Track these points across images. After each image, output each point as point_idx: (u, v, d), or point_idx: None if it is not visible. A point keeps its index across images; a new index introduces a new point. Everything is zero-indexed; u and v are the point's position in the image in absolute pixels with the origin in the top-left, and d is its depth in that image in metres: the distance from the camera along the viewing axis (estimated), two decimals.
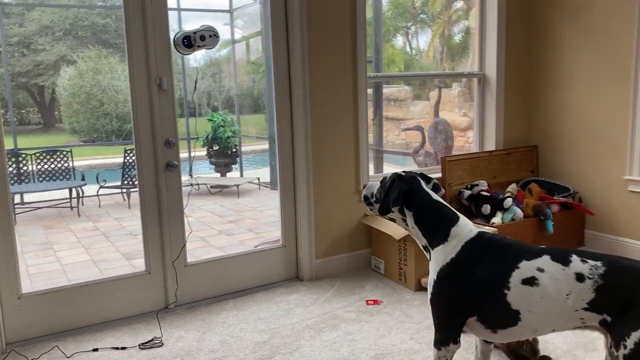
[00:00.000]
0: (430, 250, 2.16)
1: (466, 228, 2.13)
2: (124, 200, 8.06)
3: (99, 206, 7.88)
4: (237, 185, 8.45)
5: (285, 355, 2.85)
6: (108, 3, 15.14)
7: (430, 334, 3.00)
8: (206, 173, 9.71)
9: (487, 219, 4.04)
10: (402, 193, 2.15)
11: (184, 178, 3.71)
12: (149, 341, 3.04)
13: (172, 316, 3.37)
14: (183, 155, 3.55)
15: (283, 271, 3.90)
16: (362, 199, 2.39)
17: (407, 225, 2.23)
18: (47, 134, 14.90)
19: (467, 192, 4.21)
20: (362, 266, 4.07)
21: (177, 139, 3.39)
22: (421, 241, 2.22)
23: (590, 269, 1.87)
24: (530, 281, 1.93)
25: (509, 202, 4.03)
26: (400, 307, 3.39)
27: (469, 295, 2.03)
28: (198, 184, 8.49)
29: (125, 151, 8.20)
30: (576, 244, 4.34)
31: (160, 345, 3.00)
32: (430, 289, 2.13)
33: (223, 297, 3.62)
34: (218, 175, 9.48)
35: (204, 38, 3.19)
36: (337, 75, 3.80)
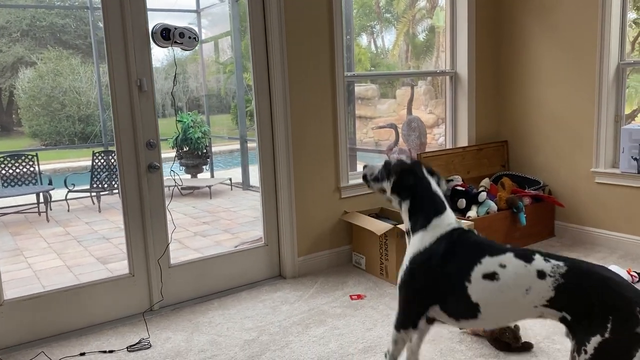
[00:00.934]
0: (411, 234, 2.25)
1: (445, 221, 2.21)
2: (94, 204, 7.92)
3: (68, 211, 7.72)
4: (209, 186, 8.41)
5: (275, 352, 2.88)
6: (67, 3, 14.80)
7: None
8: (176, 174, 9.61)
9: (462, 212, 4.16)
10: (410, 186, 2.24)
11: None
12: (136, 343, 3.03)
13: (157, 318, 3.36)
14: None
15: (266, 270, 3.93)
16: (362, 177, 2.44)
17: (401, 207, 2.31)
18: (5, 137, 14.48)
19: None
20: (343, 262, 4.14)
21: (158, 140, 3.39)
22: (406, 224, 2.30)
23: (552, 268, 1.91)
24: (491, 276, 2.00)
25: (483, 196, 4.16)
26: (383, 300, 3.47)
27: (434, 285, 2.12)
28: (181, 185, 8.37)
29: (94, 154, 8.06)
30: (547, 234, 4.52)
31: (149, 347, 2.99)
32: (401, 274, 2.21)
33: (207, 298, 3.63)
34: (188, 176, 9.40)
35: (183, 35, 3.21)
36: (315, 75, 3.85)
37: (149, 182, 3.37)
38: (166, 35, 3.17)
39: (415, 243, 2.19)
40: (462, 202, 4.14)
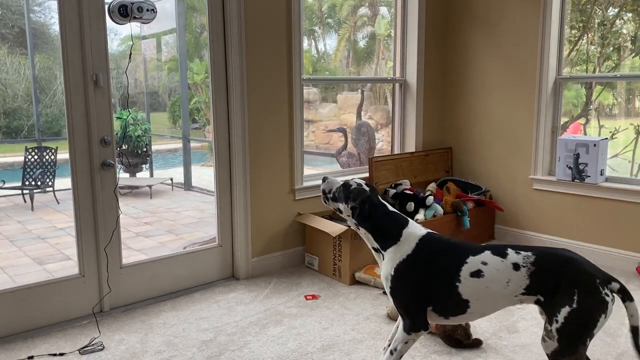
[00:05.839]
0: (382, 251, 2.36)
1: (416, 228, 2.37)
2: (25, 202, 7.55)
3: None
4: (150, 186, 8.21)
5: (234, 352, 2.89)
6: None
7: (370, 324, 3.20)
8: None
9: (410, 215, 4.31)
10: (368, 212, 2.35)
11: None
12: (88, 345, 2.94)
13: (108, 319, 3.27)
14: None
15: (219, 271, 3.91)
16: (321, 192, 2.53)
17: (359, 229, 2.42)
18: None
19: (392, 191, 4.46)
20: (296, 263, 4.18)
21: (113, 137, 3.31)
22: (372, 244, 2.41)
23: (524, 259, 2.17)
24: (477, 273, 2.19)
25: (430, 199, 4.33)
26: (337, 300, 3.55)
27: (426, 287, 2.24)
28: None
29: (27, 150, 7.69)
30: (487, 237, 4.75)
31: (102, 349, 2.91)
32: (388, 283, 2.30)
33: (160, 299, 3.57)
34: (127, 175, 9.14)
35: (142, 10, 3.13)
36: (273, 77, 3.88)
37: (102, 180, 3.28)
38: (124, 12, 3.08)
39: (394, 255, 2.29)
40: (410, 206, 4.29)
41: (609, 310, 2.05)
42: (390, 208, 2.43)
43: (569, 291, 2.05)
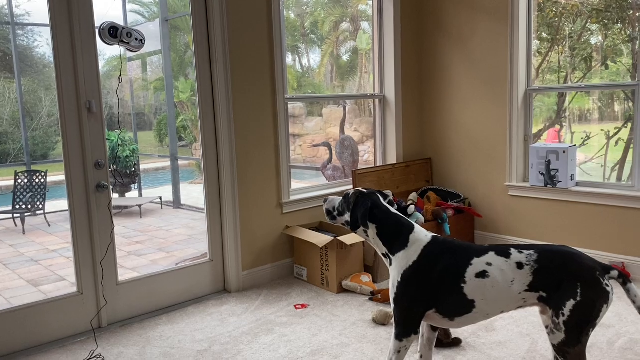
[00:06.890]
0: (391, 256, 2.43)
1: (422, 234, 2.44)
2: (16, 226, 7.64)
3: None
4: (140, 205, 8.34)
5: None
6: None
7: (357, 329, 3.38)
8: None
9: None
10: (367, 209, 2.42)
11: None
12: (89, 358, 3.08)
13: (107, 334, 3.42)
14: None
15: (211, 285, 4.07)
16: (325, 213, 2.59)
17: (367, 236, 2.49)
18: None
19: None
20: (285, 275, 4.35)
21: (106, 160, 3.47)
22: (381, 249, 2.48)
23: (527, 257, 2.27)
24: (482, 274, 2.29)
25: (412, 209, 4.53)
26: (326, 308, 3.72)
27: (431, 292, 2.33)
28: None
29: (16, 174, 7.79)
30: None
31: None
32: (394, 290, 2.39)
33: (156, 313, 3.72)
34: (116, 195, 9.26)
35: (130, 35, 3.24)
36: (258, 97, 4.08)
37: (97, 201, 3.44)
38: (114, 33, 3.18)
39: (401, 261, 2.37)
40: None
41: (609, 300, 2.18)
42: (394, 210, 2.47)
43: (573, 285, 2.17)
